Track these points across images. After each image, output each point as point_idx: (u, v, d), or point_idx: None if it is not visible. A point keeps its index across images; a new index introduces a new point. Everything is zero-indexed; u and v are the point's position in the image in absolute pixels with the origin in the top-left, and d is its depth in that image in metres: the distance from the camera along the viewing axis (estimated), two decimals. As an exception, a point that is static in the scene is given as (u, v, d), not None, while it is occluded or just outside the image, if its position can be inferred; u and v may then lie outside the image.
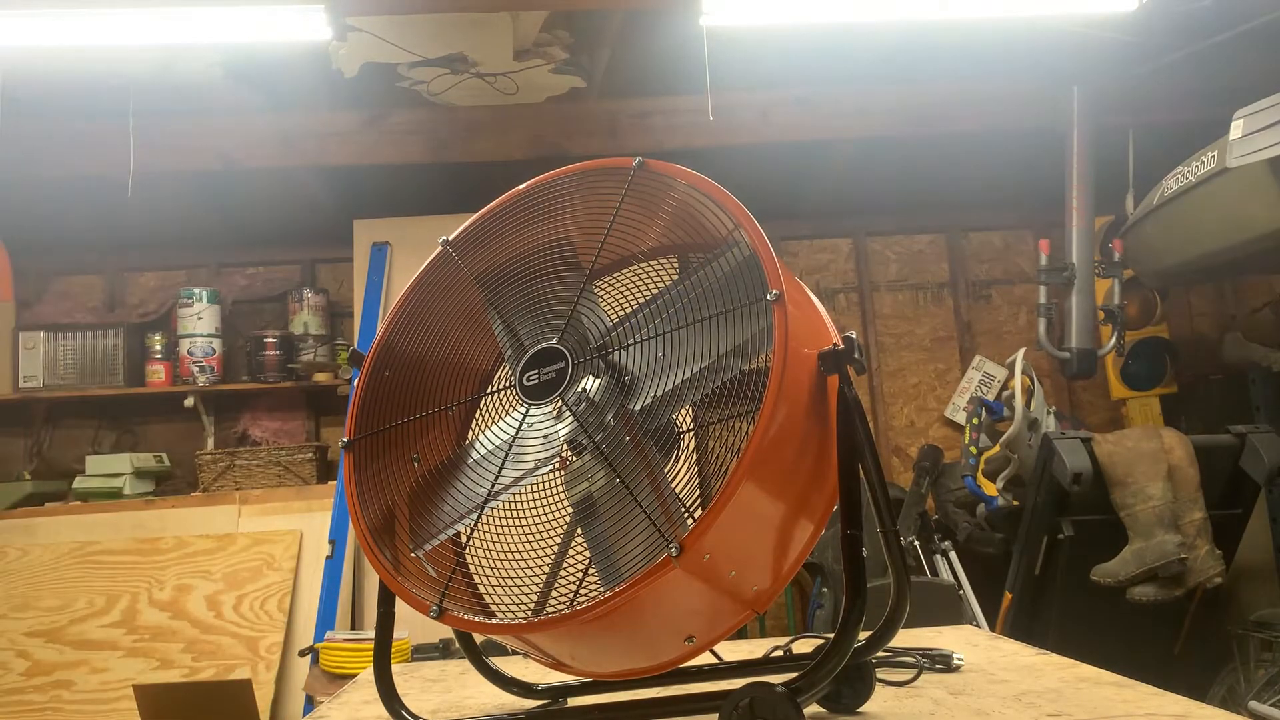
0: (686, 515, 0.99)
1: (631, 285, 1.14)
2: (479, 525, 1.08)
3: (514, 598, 1.04)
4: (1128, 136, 4.37)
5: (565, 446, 1.09)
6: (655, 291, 1.11)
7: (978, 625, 3.63)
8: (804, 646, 1.49)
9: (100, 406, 4.68)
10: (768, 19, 3.30)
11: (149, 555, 3.95)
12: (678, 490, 1.03)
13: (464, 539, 1.10)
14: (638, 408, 1.04)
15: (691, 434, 1.14)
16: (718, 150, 4.09)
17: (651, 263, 1.14)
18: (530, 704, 1.28)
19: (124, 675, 3.64)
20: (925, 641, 1.63)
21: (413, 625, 3.23)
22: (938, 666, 1.48)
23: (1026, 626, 3.41)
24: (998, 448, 4.02)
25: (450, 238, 1.19)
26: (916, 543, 3.97)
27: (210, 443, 4.67)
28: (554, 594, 1.10)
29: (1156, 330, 4.73)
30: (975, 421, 4.13)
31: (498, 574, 1.06)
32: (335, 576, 3.88)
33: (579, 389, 1.06)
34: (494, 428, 1.15)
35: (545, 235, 1.15)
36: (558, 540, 1.12)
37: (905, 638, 1.67)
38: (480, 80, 3.80)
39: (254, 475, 4.33)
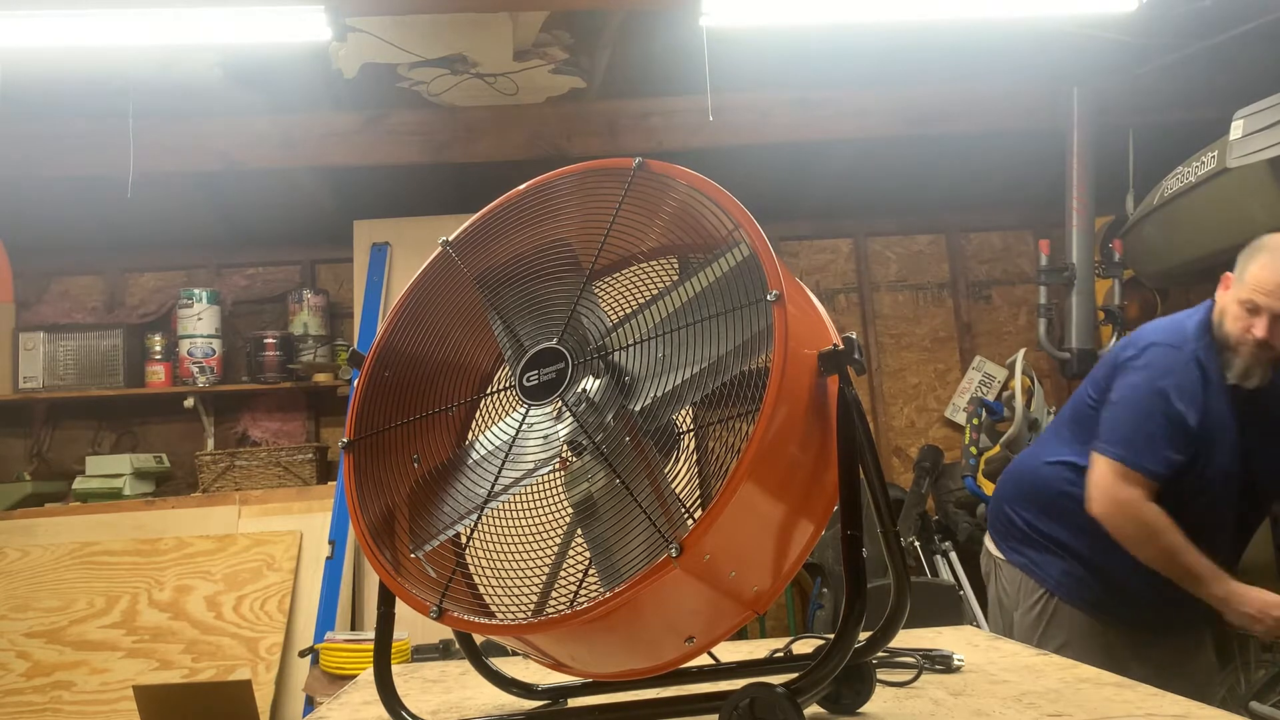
0: (686, 515, 0.99)
1: (631, 286, 1.14)
2: (479, 526, 1.08)
3: (514, 598, 1.04)
4: (1128, 136, 4.37)
5: (565, 447, 1.09)
6: (655, 292, 1.11)
7: (978, 625, 3.63)
8: (804, 647, 1.49)
9: (100, 407, 4.67)
10: (768, 19, 3.30)
11: (149, 556, 3.95)
12: (678, 490, 1.03)
13: (464, 540, 1.10)
14: (638, 408, 1.04)
15: (691, 434, 1.14)
16: (717, 151, 4.09)
17: (651, 263, 1.14)
18: (530, 705, 1.28)
19: (124, 676, 3.64)
20: (925, 642, 1.63)
21: (413, 626, 3.22)
22: (937, 667, 1.48)
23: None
24: (998, 448, 4.03)
25: (450, 238, 1.19)
26: (916, 543, 3.97)
27: (210, 443, 4.67)
28: (554, 594, 1.10)
29: (1157, 330, 4.71)
30: (975, 422, 4.13)
31: (498, 575, 1.06)
32: (335, 577, 3.88)
33: (579, 389, 1.06)
34: (494, 428, 1.15)
35: (545, 236, 1.15)
36: (558, 541, 1.12)
37: (905, 638, 1.67)
38: (480, 81, 3.80)
39: (254, 476, 4.33)
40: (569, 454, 1.09)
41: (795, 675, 1.03)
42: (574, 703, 1.28)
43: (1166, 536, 2.00)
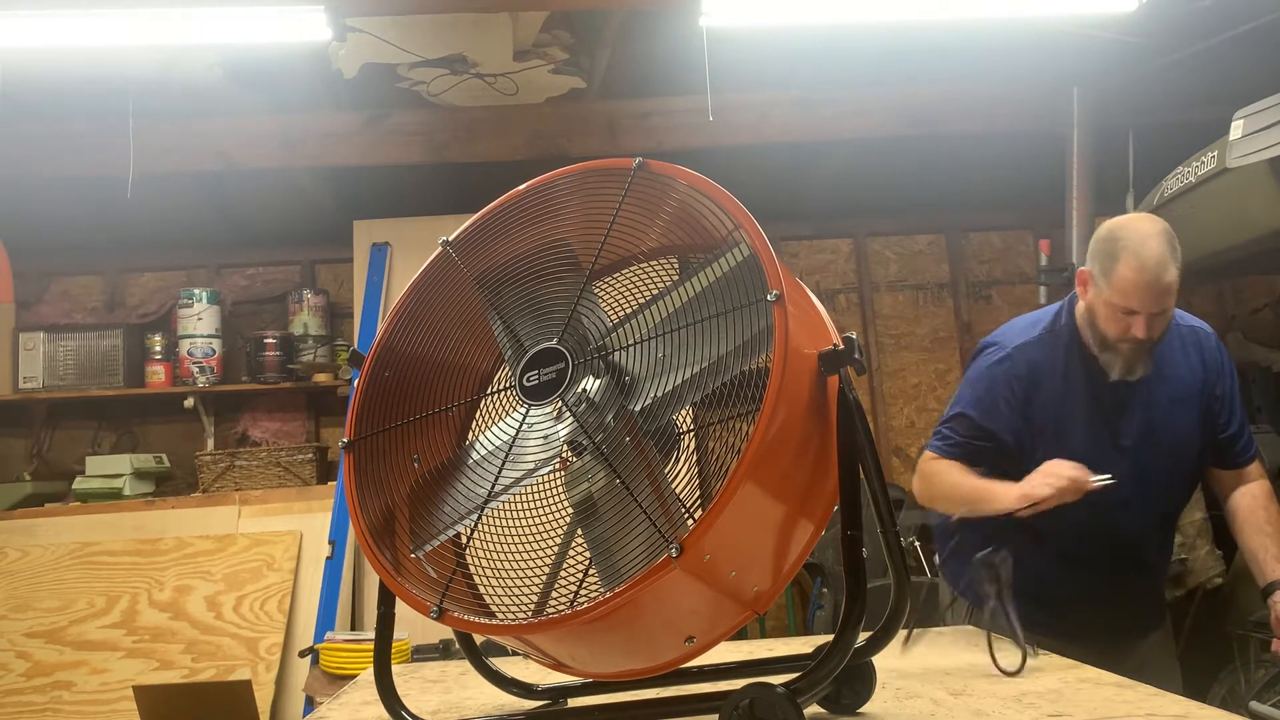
0: (687, 516, 0.99)
1: (632, 286, 1.14)
2: (479, 526, 1.08)
3: (514, 598, 1.04)
4: (1128, 137, 4.37)
5: (565, 447, 1.09)
6: (655, 292, 1.11)
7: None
8: (804, 647, 1.49)
9: (100, 407, 4.67)
10: (768, 19, 3.30)
11: (149, 556, 3.95)
12: (678, 491, 1.03)
13: (464, 540, 1.10)
14: (638, 408, 1.04)
15: (692, 434, 1.14)
16: (717, 151, 4.08)
17: (652, 263, 1.14)
18: (530, 705, 1.28)
19: (124, 676, 3.64)
20: (926, 641, 1.63)
21: (413, 626, 3.22)
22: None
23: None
24: (998, 448, 4.01)
25: (450, 238, 1.19)
26: (917, 543, 3.96)
27: (210, 443, 4.66)
28: (554, 594, 1.10)
29: (1156, 331, 4.71)
30: (975, 422, 4.11)
31: (498, 575, 1.06)
32: (335, 577, 3.88)
33: (579, 389, 1.06)
34: (494, 428, 1.15)
35: (545, 236, 1.15)
36: (558, 541, 1.12)
37: (905, 638, 1.67)
38: (480, 81, 3.80)
39: (254, 476, 4.33)
40: (569, 454, 1.10)
41: (795, 675, 1.03)
42: (574, 703, 1.28)
43: (944, 476, 2.02)
